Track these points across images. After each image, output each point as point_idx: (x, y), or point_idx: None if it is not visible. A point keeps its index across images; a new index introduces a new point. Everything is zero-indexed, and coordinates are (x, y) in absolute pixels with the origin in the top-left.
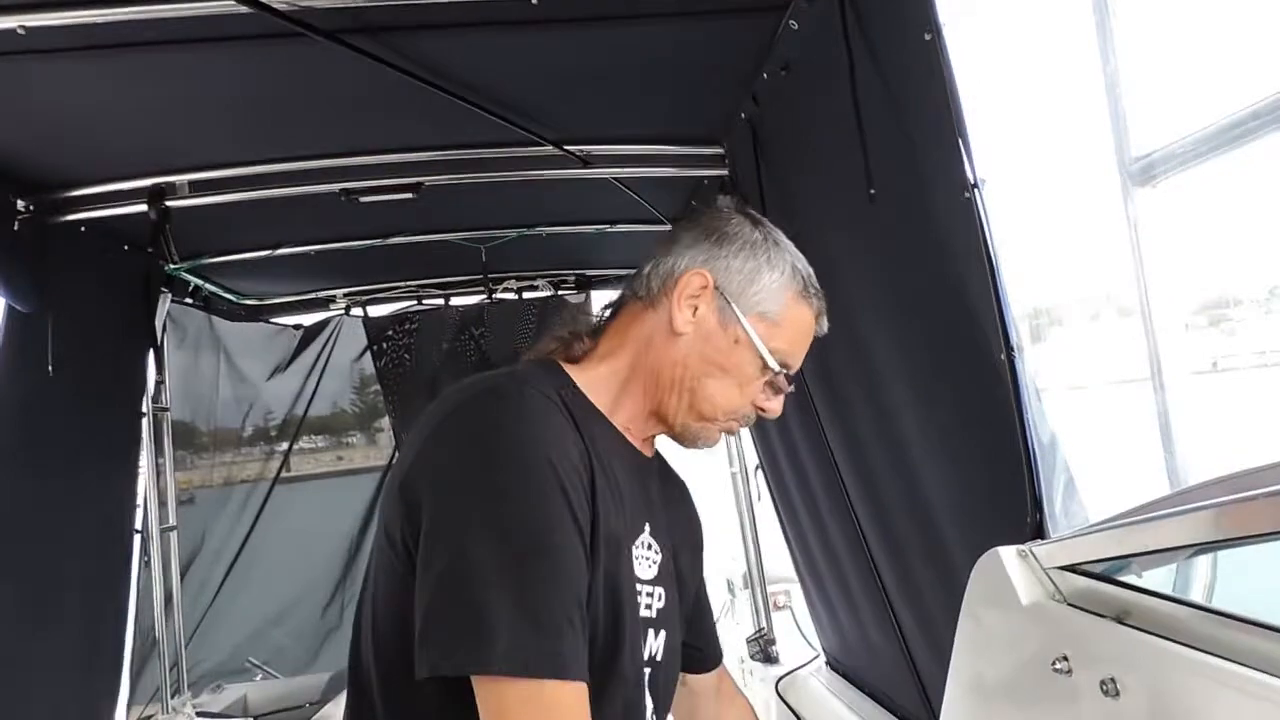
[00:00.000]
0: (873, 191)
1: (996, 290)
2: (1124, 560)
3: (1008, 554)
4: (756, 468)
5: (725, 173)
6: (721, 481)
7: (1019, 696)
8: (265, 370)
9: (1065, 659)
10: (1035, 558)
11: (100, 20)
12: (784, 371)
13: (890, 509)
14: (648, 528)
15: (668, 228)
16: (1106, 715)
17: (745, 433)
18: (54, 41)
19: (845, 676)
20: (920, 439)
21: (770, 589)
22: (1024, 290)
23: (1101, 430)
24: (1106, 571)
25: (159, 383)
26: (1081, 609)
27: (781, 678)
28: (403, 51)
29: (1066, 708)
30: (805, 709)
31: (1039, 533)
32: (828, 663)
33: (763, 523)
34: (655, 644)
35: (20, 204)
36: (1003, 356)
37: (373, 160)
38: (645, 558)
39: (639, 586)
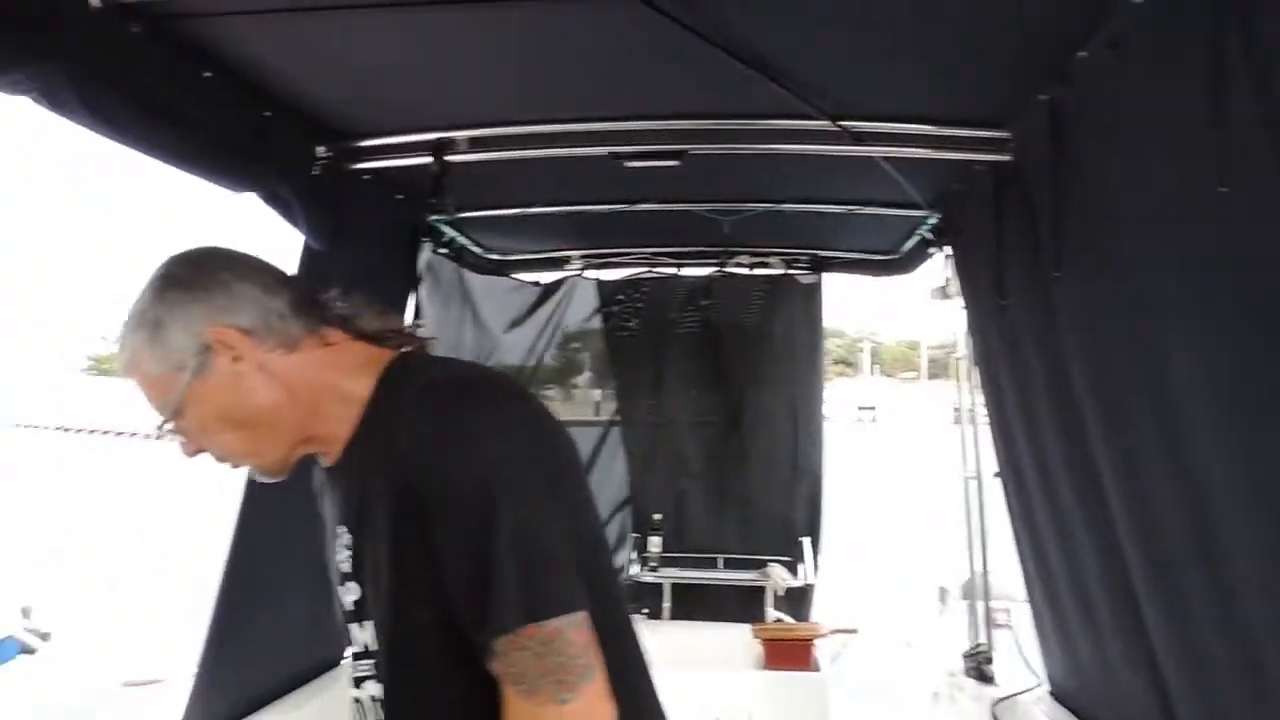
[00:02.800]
0: (1224, 190)
1: None
2: None
3: None
4: (994, 475)
5: (1008, 158)
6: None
7: None
8: (504, 322)
9: None
10: None
11: None
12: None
13: (1170, 549)
14: (343, 529)
15: (922, 213)
16: None
17: (985, 436)
18: None
19: (1075, 712)
20: (1233, 478)
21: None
22: None
23: None
24: None
25: (416, 327)
26: None
27: (1000, 700)
28: (699, 11)
29: None
30: None
31: None
32: (1052, 692)
33: (992, 535)
34: (364, 635)
35: (320, 151)
36: None
37: (639, 125)
38: (343, 557)
39: (344, 584)
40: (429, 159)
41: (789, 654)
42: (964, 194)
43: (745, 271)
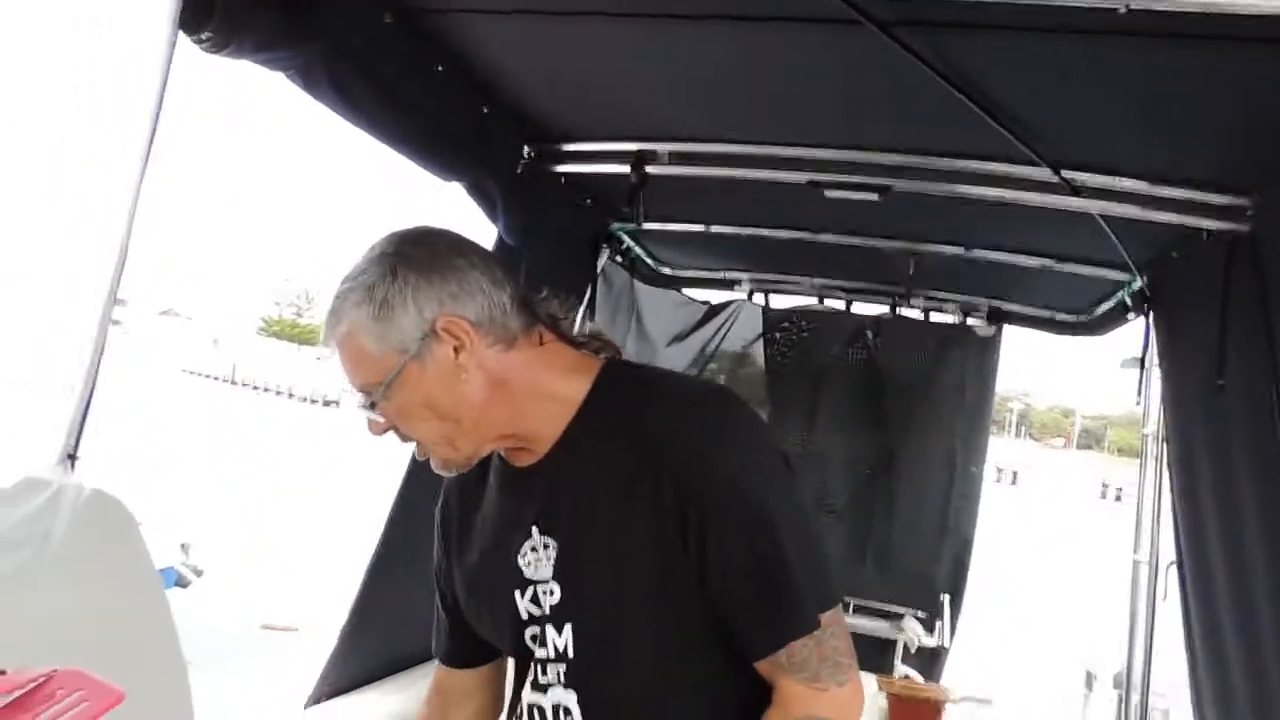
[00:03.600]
0: None
1: None
2: None
3: None
4: (1170, 564)
5: (1245, 228)
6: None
7: None
8: (666, 337)
9: None
10: None
11: None
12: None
13: None
14: (535, 530)
15: (1125, 276)
16: None
17: (1167, 520)
18: (584, 5)
19: None
20: None
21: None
22: None
23: None
24: None
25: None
26: None
27: None
28: (932, 45)
29: None
30: None
31: None
32: None
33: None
34: (559, 639)
35: (526, 150)
36: None
37: (842, 155)
38: (531, 559)
39: (527, 589)
40: (626, 168)
41: (916, 714)
42: (1182, 260)
43: (918, 315)
